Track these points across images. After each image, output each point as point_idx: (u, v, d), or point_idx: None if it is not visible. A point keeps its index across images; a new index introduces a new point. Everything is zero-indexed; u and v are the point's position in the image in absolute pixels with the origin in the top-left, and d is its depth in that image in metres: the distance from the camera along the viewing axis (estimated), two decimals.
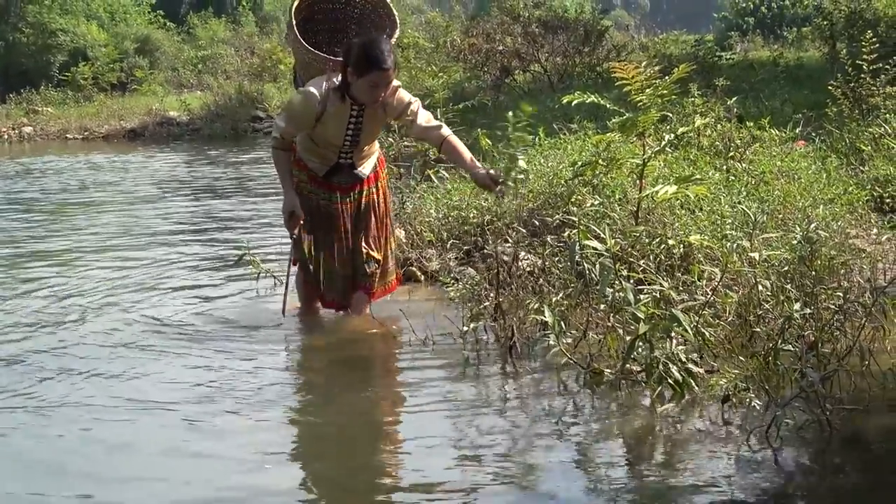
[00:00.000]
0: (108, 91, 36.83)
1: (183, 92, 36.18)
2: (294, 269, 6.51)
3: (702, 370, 4.80)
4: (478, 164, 6.07)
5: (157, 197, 14.68)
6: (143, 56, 42.09)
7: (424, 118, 6.13)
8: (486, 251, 6.33)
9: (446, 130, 6.13)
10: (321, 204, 6.32)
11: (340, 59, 5.90)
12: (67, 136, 29.29)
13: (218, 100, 30.77)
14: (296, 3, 6.27)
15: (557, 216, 6.76)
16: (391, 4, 6.40)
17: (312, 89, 5.92)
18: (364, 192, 6.39)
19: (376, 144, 6.54)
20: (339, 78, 5.89)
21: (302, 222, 6.22)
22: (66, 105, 34.10)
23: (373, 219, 6.41)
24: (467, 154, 6.06)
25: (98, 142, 28.08)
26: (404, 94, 6.07)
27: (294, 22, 6.18)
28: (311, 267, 6.39)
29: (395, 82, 5.93)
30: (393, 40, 6.05)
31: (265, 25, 54.33)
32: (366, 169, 6.39)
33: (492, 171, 5.95)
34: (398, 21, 6.38)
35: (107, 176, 18.06)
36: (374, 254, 6.40)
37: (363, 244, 6.36)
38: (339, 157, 6.25)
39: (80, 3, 44.69)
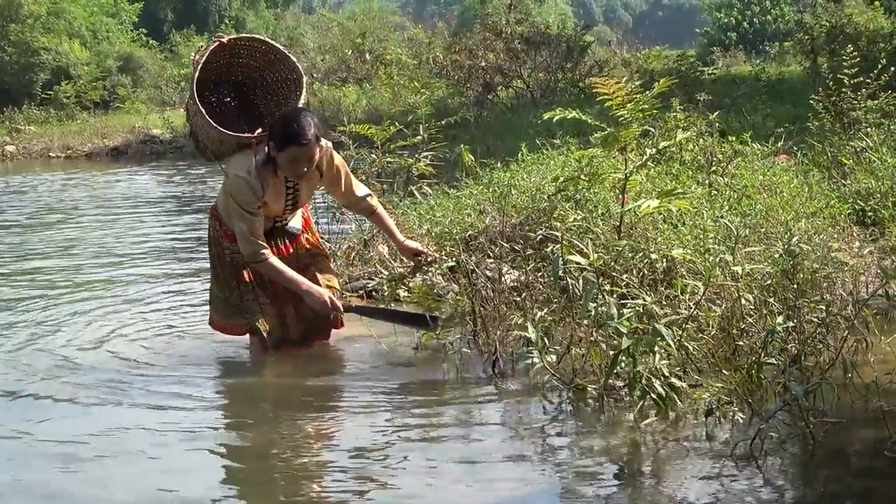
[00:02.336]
0: (90, 109, 36.68)
1: (166, 110, 36.03)
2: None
3: (685, 384, 4.80)
4: (401, 237, 6.34)
5: (137, 215, 14.63)
6: (126, 74, 41.92)
7: (355, 186, 6.18)
8: (469, 267, 6.31)
9: (375, 201, 6.24)
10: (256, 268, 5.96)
11: (252, 136, 5.77)
12: (50, 154, 29.16)
13: None
14: (196, 75, 5.82)
15: (540, 231, 6.76)
16: (291, 56, 6.16)
17: (245, 175, 5.66)
18: (299, 246, 6.19)
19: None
20: (264, 153, 5.69)
21: (243, 294, 6.03)
22: (49, 124, 33.98)
23: (317, 263, 6.21)
24: (394, 227, 6.34)
25: (81, 160, 27.97)
26: (339, 162, 6.04)
27: (199, 101, 5.78)
28: (267, 338, 6.09)
29: (327, 145, 5.86)
30: (301, 99, 6.00)
31: None
32: (296, 223, 6.22)
33: (419, 246, 6.26)
34: (302, 74, 6.12)
35: (87, 194, 17.99)
36: (333, 283, 6.20)
37: (322, 281, 6.08)
38: (274, 222, 6.04)
39: (63, 22, 44.56)
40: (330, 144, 5.93)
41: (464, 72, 23.61)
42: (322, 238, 6.85)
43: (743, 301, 5.28)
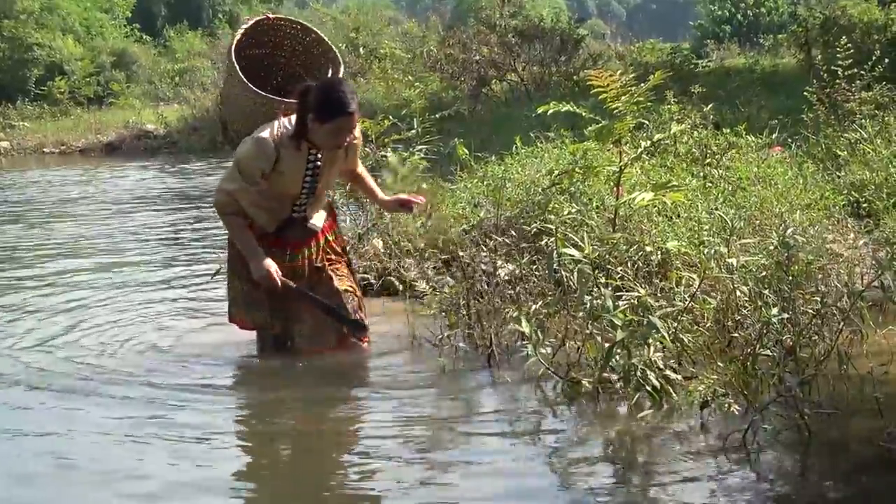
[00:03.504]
0: (84, 105, 36.64)
1: (160, 105, 35.98)
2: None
3: (680, 376, 4.81)
4: (382, 195, 6.17)
5: (132, 210, 14.61)
6: (120, 70, 41.92)
7: (361, 167, 6.11)
8: (464, 260, 6.31)
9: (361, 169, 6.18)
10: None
11: (294, 100, 5.57)
12: (44, 150, 29.16)
13: (195, 113, 30.63)
14: (233, 46, 5.85)
15: (535, 224, 6.76)
16: (328, 41, 6.16)
17: (264, 135, 5.53)
18: (318, 248, 5.97)
19: (326, 193, 6.13)
20: (291, 122, 5.57)
21: (243, 286, 5.93)
22: (43, 119, 33.94)
23: (335, 273, 6.00)
24: (376, 187, 6.23)
25: (75, 156, 27.98)
26: (359, 133, 5.85)
27: (238, 67, 5.80)
28: (269, 337, 6.06)
29: (359, 128, 5.74)
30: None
31: None
32: (318, 221, 5.96)
33: (402, 196, 6.05)
34: (340, 59, 6.08)
35: (82, 190, 17.98)
36: (345, 284, 6.01)
37: (336, 284, 5.94)
38: (293, 209, 5.81)
39: (56, 18, 44.53)
40: (360, 126, 5.77)
41: (458, 66, 23.60)
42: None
43: (738, 293, 5.28)
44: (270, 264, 5.66)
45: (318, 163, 5.68)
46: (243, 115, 5.88)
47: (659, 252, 5.88)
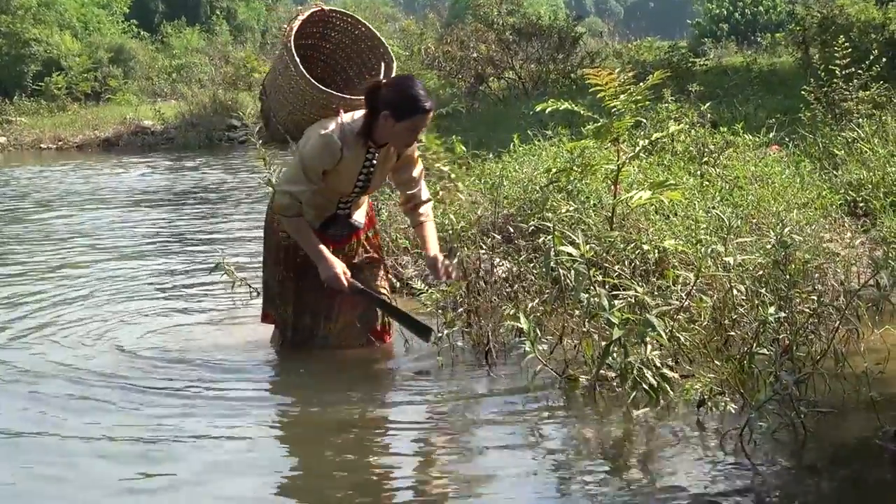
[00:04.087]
0: (81, 101, 36.61)
1: (157, 101, 35.95)
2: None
3: (677, 375, 4.82)
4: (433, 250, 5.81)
5: (130, 206, 14.61)
6: (117, 65, 41.79)
7: (419, 170, 5.84)
8: (461, 257, 6.31)
9: (429, 207, 5.91)
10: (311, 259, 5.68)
11: (359, 97, 5.45)
12: (41, 145, 29.12)
13: (192, 109, 30.61)
14: (291, 37, 5.65)
15: (533, 222, 6.76)
16: (379, 36, 6.00)
17: (330, 134, 5.38)
18: (358, 244, 5.89)
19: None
20: (353, 119, 5.45)
21: (284, 281, 5.86)
22: (40, 115, 33.87)
23: (374, 275, 5.94)
24: (433, 239, 5.84)
25: (72, 151, 27.96)
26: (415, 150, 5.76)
27: (297, 59, 5.57)
28: (288, 332, 5.98)
29: None
30: (393, 74, 5.74)
31: (239, 34, 54.21)
32: (360, 217, 5.88)
33: (446, 262, 5.76)
34: (392, 55, 5.92)
35: (77, 185, 17.97)
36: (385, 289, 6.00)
37: (374, 285, 5.88)
38: (339, 207, 5.71)
39: (54, 13, 44.45)
40: None
41: (455, 63, 23.60)
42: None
43: (735, 292, 5.29)
44: (338, 264, 5.57)
45: (374, 162, 5.58)
46: (294, 108, 5.67)
47: (656, 250, 5.89)
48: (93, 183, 18.44)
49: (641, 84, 6.03)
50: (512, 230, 7.10)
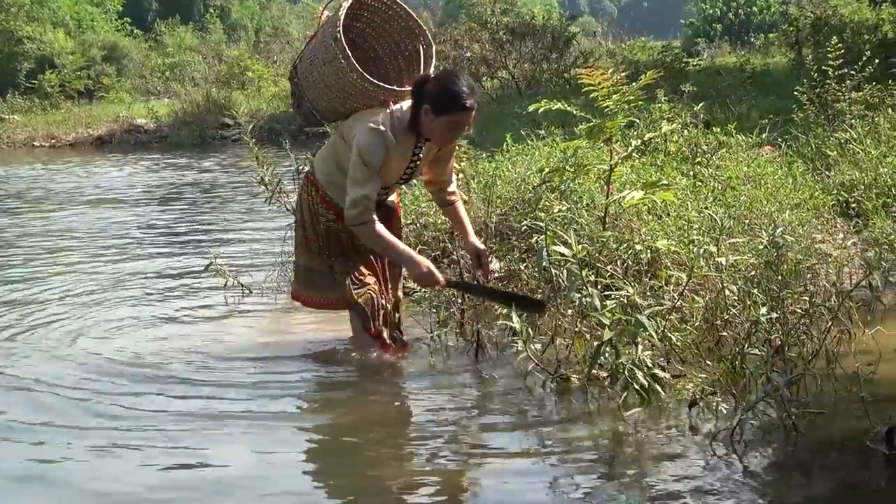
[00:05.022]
0: (75, 99, 36.63)
1: (150, 99, 35.96)
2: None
3: (668, 375, 4.82)
4: (472, 235, 5.75)
5: (121, 205, 14.60)
6: (111, 63, 41.82)
7: (452, 164, 5.76)
8: (453, 257, 6.31)
9: (457, 192, 5.82)
10: (354, 239, 5.56)
11: (407, 88, 5.39)
12: (34, 143, 29.13)
13: (185, 107, 30.61)
14: (340, 25, 5.44)
15: (525, 222, 6.76)
16: (415, 16, 5.87)
17: (381, 126, 5.26)
18: (391, 228, 5.63)
19: None
20: (402, 112, 5.36)
21: (343, 266, 5.65)
22: (33, 113, 33.88)
23: None
24: (468, 223, 5.78)
25: (65, 149, 27.96)
26: None
27: (348, 51, 5.39)
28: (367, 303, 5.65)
29: None
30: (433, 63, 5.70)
31: (233, 33, 54.22)
32: (393, 198, 5.81)
33: (482, 253, 5.67)
34: (430, 39, 5.84)
35: (71, 184, 17.95)
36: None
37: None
38: (379, 195, 5.46)
39: (47, 11, 44.46)
40: None
41: (449, 63, 23.61)
42: None
43: (727, 292, 5.30)
44: (425, 262, 5.39)
45: (421, 156, 5.50)
46: (337, 97, 5.52)
47: (648, 251, 5.89)
48: (85, 181, 18.41)
49: (634, 84, 6.03)
50: (507, 231, 7.10)
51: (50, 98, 35.81)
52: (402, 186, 5.98)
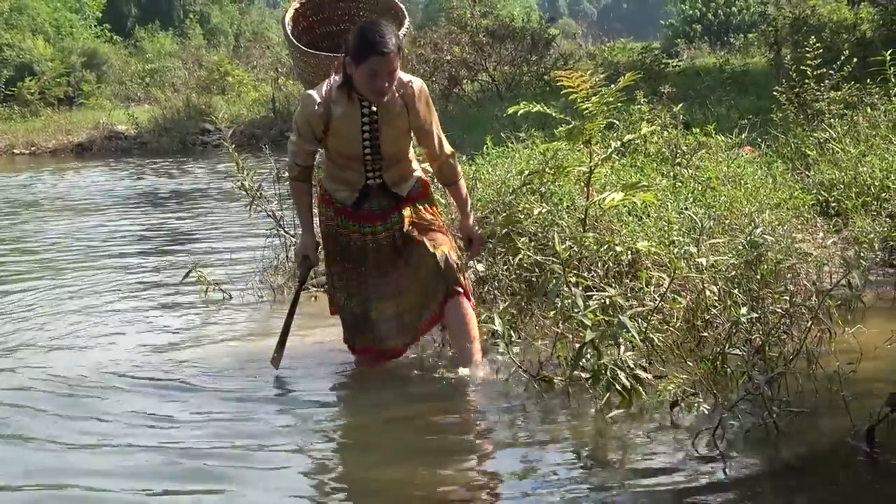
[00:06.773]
0: (55, 106, 36.52)
1: (130, 105, 35.92)
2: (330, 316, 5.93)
3: (650, 376, 4.82)
4: (470, 217, 5.79)
5: (101, 212, 14.57)
6: (90, 70, 41.71)
7: (445, 141, 5.64)
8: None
9: (459, 168, 5.77)
10: (353, 238, 5.56)
11: (342, 54, 5.31)
12: (14, 151, 29.07)
13: (166, 113, 30.60)
14: (289, 15, 5.77)
15: (501, 222, 6.76)
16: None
17: (310, 91, 5.34)
18: (400, 217, 5.54)
19: (414, 164, 5.70)
20: (341, 73, 5.29)
21: (330, 267, 5.69)
22: (13, 120, 33.83)
23: (427, 238, 5.54)
24: (468, 204, 5.81)
25: (45, 157, 27.90)
26: (431, 104, 5.53)
27: (288, 31, 5.65)
28: (347, 317, 5.71)
29: (420, 83, 5.41)
30: (402, 31, 5.69)
31: (213, 38, 54.17)
32: (402, 190, 5.59)
33: (479, 231, 5.81)
34: (403, 10, 5.93)
35: (51, 191, 17.91)
36: (441, 249, 5.51)
37: (426, 241, 5.52)
38: (367, 176, 5.47)
39: (26, 18, 44.36)
40: (422, 83, 5.46)
41: (429, 65, 23.63)
42: None
43: (707, 292, 5.30)
44: (309, 250, 5.60)
45: (375, 117, 5.34)
46: (306, 79, 5.71)
47: (629, 252, 5.90)
48: (64, 188, 18.37)
49: (613, 86, 6.03)
50: (488, 237, 7.10)
51: (30, 105, 35.73)
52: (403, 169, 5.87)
